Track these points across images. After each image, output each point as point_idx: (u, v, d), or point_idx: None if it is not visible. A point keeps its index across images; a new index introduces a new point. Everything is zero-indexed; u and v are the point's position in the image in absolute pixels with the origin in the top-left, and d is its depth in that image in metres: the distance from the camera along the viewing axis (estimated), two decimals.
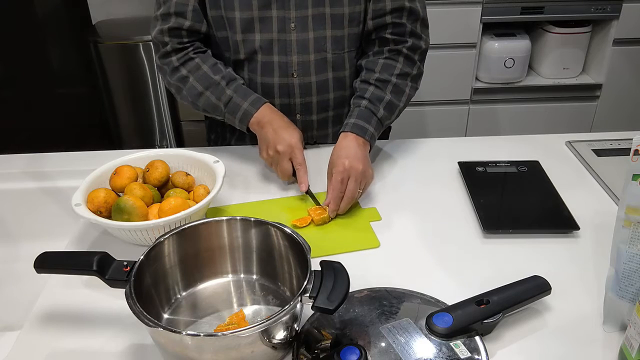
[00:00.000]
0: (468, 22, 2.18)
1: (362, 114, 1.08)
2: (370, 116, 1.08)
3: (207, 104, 1.11)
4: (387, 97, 1.11)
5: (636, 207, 0.68)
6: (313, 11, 1.08)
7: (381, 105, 1.10)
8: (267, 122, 1.08)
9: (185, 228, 0.79)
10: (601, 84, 2.32)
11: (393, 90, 1.12)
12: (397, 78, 1.12)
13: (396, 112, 1.13)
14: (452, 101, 2.35)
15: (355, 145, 1.04)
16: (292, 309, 0.66)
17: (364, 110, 1.09)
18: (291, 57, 1.12)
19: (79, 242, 0.96)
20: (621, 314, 0.73)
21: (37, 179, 1.14)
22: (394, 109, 1.12)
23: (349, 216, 1.00)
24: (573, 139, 1.22)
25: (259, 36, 1.10)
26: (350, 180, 0.98)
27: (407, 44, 1.13)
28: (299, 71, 1.13)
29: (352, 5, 1.09)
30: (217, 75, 1.10)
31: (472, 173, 1.09)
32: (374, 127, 1.08)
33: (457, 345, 0.70)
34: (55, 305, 0.82)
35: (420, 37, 1.14)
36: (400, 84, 1.13)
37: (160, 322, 0.65)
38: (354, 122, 1.07)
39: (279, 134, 1.06)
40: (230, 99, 1.09)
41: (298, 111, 1.18)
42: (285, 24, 1.09)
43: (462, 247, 0.92)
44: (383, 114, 1.10)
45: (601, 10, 2.17)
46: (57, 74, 2.40)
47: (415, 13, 1.12)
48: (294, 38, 1.10)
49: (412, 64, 1.14)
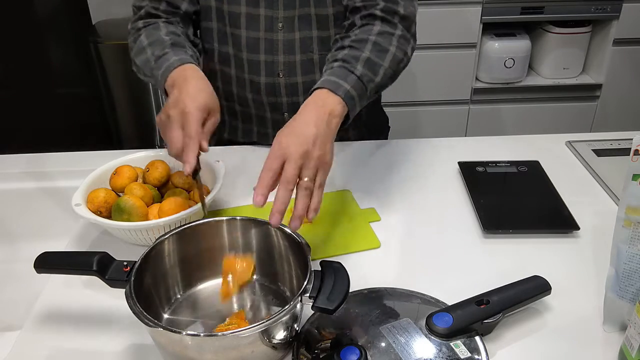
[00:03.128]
0: (468, 22, 2.18)
1: (335, 72, 0.88)
2: (345, 73, 0.88)
3: (143, 60, 0.99)
4: (364, 54, 0.92)
5: (636, 207, 0.68)
6: (299, 11, 1.07)
7: (358, 62, 0.90)
8: (180, 81, 0.89)
9: (185, 228, 0.79)
10: (601, 84, 2.32)
11: (373, 49, 0.93)
12: (378, 36, 0.95)
13: (380, 72, 0.93)
14: (452, 101, 2.35)
15: (315, 116, 0.81)
16: (292, 309, 0.66)
17: (338, 69, 0.89)
18: (277, 57, 1.11)
19: (79, 242, 0.96)
20: (621, 314, 0.73)
21: (37, 179, 1.14)
22: (376, 68, 0.92)
23: (348, 217, 0.99)
24: (573, 139, 1.22)
25: (245, 33, 1.09)
26: (288, 164, 0.76)
27: (379, 6, 0.99)
28: (285, 71, 1.12)
29: (336, 6, 1.07)
30: (167, 36, 1.00)
31: (472, 173, 1.09)
32: (351, 85, 0.86)
33: (457, 345, 0.70)
34: (55, 305, 0.82)
35: (395, 1, 0.99)
36: (381, 42, 0.95)
37: (160, 322, 0.65)
38: (325, 78, 0.87)
39: (181, 96, 0.85)
40: (164, 54, 0.95)
41: (285, 110, 1.17)
42: (273, 23, 1.08)
43: (462, 247, 0.92)
44: (362, 71, 0.89)
45: (601, 10, 2.17)
46: (57, 74, 2.40)
47: None
48: (281, 38, 1.09)
49: (392, 25, 0.99)
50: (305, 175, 0.76)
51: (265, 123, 1.21)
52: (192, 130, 0.81)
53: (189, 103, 0.84)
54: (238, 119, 1.23)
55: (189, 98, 0.85)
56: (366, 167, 1.14)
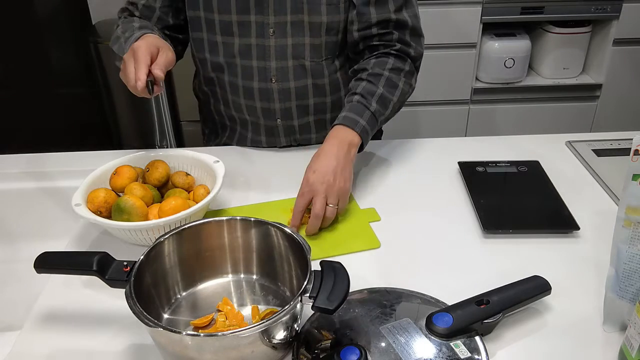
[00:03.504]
0: (468, 22, 2.18)
1: (353, 107, 1.05)
2: (362, 109, 1.04)
3: (118, 47, 1.09)
4: (379, 90, 1.07)
5: (636, 207, 0.68)
6: (292, 18, 1.08)
7: (373, 98, 1.06)
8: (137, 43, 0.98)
9: (185, 228, 0.79)
10: (601, 84, 2.32)
11: (386, 84, 1.08)
12: (390, 72, 1.09)
13: (390, 106, 1.08)
14: (452, 101, 2.35)
15: (340, 147, 0.99)
16: (292, 309, 0.66)
17: (356, 104, 1.05)
18: (270, 63, 1.12)
19: (79, 242, 0.96)
20: (621, 314, 0.73)
21: (37, 179, 1.14)
22: (387, 103, 1.08)
23: (348, 217, 0.99)
24: (573, 139, 1.22)
25: (237, 40, 1.11)
26: (316, 198, 0.93)
27: (395, 47, 1.11)
28: (278, 76, 1.13)
29: (331, 15, 1.08)
30: (137, 23, 1.09)
31: (472, 173, 1.09)
32: (366, 121, 1.03)
33: (457, 345, 0.70)
34: (55, 305, 0.82)
35: (409, 44, 1.12)
36: (393, 78, 1.09)
37: (160, 322, 0.65)
38: (345, 114, 1.04)
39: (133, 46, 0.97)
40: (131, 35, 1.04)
41: (278, 116, 1.18)
42: (264, 29, 1.09)
43: (462, 247, 0.92)
44: (376, 107, 1.05)
45: (601, 10, 2.17)
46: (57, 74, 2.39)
47: (403, 23, 1.11)
48: (273, 44, 1.10)
49: (403, 61, 1.12)
50: (330, 203, 0.94)
51: (258, 129, 1.22)
52: (140, 56, 0.93)
53: (136, 44, 0.96)
54: (236, 124, 1.24)
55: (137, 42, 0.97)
56: (366, 167, 1.14)
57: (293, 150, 1.22)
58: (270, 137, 1.21)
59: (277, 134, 1.21)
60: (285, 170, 1.14)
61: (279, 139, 1.21)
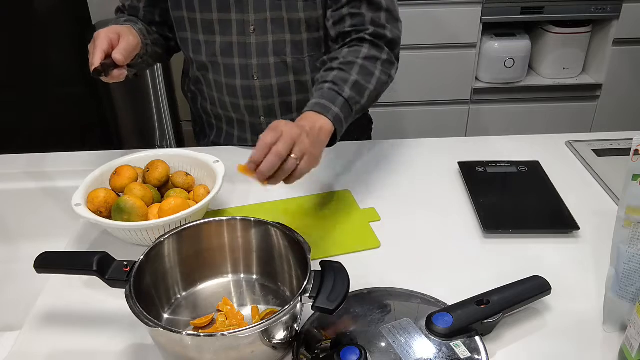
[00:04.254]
0: (468, 22, 2.18)
1: (325, 94, 0.94)
2: (334, 96, 0.94)
3: None
4: (352, 77, 0.97)
5: (636, 207, 0.68)
6: (271, 15, 1.08)
7: (346, 85, 0.96)
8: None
9: (185, 228, 0.79)
10: (601, 84, 2.32)
11: (360, 72, 0.99)
12: (365, 60, 1.01)
13: (366, 94, 0.98)
14: (452, 101, 2.35)
15: (312, 123, 0.88)
16: (292, 309, 0.66)
17: (327, 91, 0.95)
18: (251, 60, 1.12)
19: (79, 242, 0.96)
20: (621, 314, 0.73)
21: (37, 179, 1.14)
22: (362, 91, 0.98)
23: (348, 217, 0.99)
24: (573, 139, 1.22)
25: (219, 38, 1.11)
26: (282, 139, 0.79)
27: (368, 31, 1.04)
28: (259, 74, 1.13)
29: (309, 11, 1.08)
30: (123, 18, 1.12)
31: (472, 173, 1.09)
32: (339, 107, 0.93)
33: (457, 345, 0.70)
34: (55, 305, 0.82)
35: (383, 26, 1.05)
36: (368, 66, 1.00)
37: (160, 322, 0.65)
38: (315, 101, 0.93)
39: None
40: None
41: (262, 113, 1.18)
42: (245, 27, 1.09)
43: (462, 247, 0.92)
44: (350, 93, 0.95)
45: (601, 10, 2.17)
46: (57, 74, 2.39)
47: (376, 4, 1.05)
48: (254, 41, 1.10)
49: (379, 49, 1.04)
50: (293, 153, 0.79)
51: (244, 127, 1.22)
52: (97, 43, 0.94)
53: (97, 32, 0.96)
54: (222, 122, 1.25)
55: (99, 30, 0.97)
56: (366, 167, 1.14)
57: None
58: (256, 135, 1.21)
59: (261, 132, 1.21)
60: None
61: None
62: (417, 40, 2.19)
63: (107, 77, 0.95)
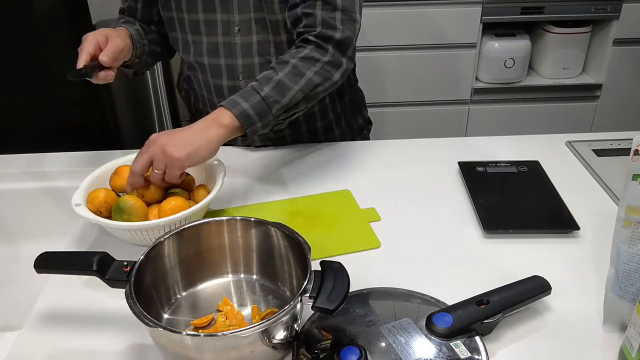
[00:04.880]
0: (468, 22, 2.18)
1: (243, 92, 0.97)
2: (251, 93, 0.96)
3: None
4: (277, 76, 0.98)
5: (636, 207, 0.68)
6: (255, 15, 1.08)
7: (268, 84, 0.97)
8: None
9: (185, 228, 0.79)
10: (601, 84, 2.32)
11: (290, 72, 0.99)
12: (300, 60, 1.00)
13: (289, 94, 0.98)
14: (452, 101, 2.35)
15: (202, 123, 0.93)
16: (292, 309, 0.66)
17: (247, 89, 0.97)
18: (236, 60, 1.12)
19: (79, 242, 0.96)
20: (621, 314, 0.73)
21: (37, 179, 1.14)
22: (284, 90, 0.97)
23: (348, 217, 0.99)
24: (573, 139, 1.22)
25: (205, 39, 1.12)
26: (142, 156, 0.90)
27: (314, 32, 1.02)
28: (245, 74, 1.13)
29: (284, 12, 1.07)
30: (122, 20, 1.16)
31: (472, 173, 1.09)
32: (251, 105, 0.94)
33: (457, 345, 0.70)
34: (55, 305, 0.82)
35: (334, 27, 1.02)
36: (300, 66, 1.00)
37: (160, 322, 0.65)
38: (230, 97, 0.96)
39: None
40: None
41: None
42: (230, 27, 1.09)
43: (462, 247, 0.92)
44: (267, 92, 0.96)
45: (601, 10, 2.17)
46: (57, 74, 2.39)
47: (331, 4, 1.02)
48: (239, 41, 1.11)
49: (323, 51, 1.02)
50: (155, 169, 0.90)
51: None
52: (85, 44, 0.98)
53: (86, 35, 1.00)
54: None
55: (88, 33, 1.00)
56: (366, 167, 1.14)
57: (294, 150, 1.22)
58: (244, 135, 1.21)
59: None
60: (285, 170, 1.14)
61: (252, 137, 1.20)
62: (417, 40, 2.19)
63: (92, 78, 0.98)
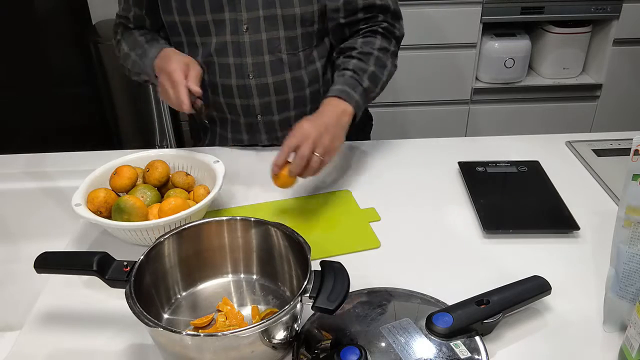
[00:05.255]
0: (468, 22, 2.18)
1: (347, 81, 1.06)
2: (355, 84, 1.06)
3: (133, 63, 1.15)
4: (370, 68, 1.10)
5: (636, 207, 0.68)
6: (264, 12, 1.09)
7: (365, 75, 1.08)
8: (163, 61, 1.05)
9: (185, 228, 0.79)
10: (601, 84, 2.32)
11: (376, 63, 1.11)
12: (379, 51, 1.12)
13: (379, 85, 1.12)
14: (452, 101, 2.35)
15: (333, 111, 1.00)
16: (292, 309, 0.66)
17: (349, 79, 1.07)
18: (246, 59, 1.12)
19: (79, 242, 0.96)
20: (621, 314, 0.73)
21: (37, 179, 1.14)
22: (377, 81, 1.11)
23: (348, 217, 0.99)
24: (573, 139, 1.22)
25: (214, 39, 1.12)
26: (306, 142, 0.92)
27: (382, 25, 1.14)
28: (255, 72, 1.14)
29: (304, 6, 1.09)
30: (141, 37, 1.16)
31: (472, 173, 1.09)
32: (359, 95, 1.05)
33: (457, 345, 0.70)
34: (55, 305, 0.82)
35: (394, 25, 1.16)
36: (382, 57, 1.12)
37: (160, 322, 0.65)
38: (339, 87, 1.05)
39: (164, 66, 1.03)
40: (144, 51, 1.12)
41: (258, 112, 1.18)
42: (238, 26, 1.09)
43: (462, 247, 0.92)
44: (368, 84, 1.08)
45: (601, 10, 2.17)
46: (57, 74, 2.39)
47: (386, 8, 1.14)
48: (247, 40, 1.11)
49: (388, 41, 1.15)
50: (317, 152, 0.93)
51: (239, 128, 1.22)
52: (177, 78, 0.99)
53: (170, 65, 1.02)
54: (215, 125, 1.25)
55: (169, 63, 1.03)
56: (366, 167, 1.14)
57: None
58: (251, 135, 1.22)
59: (258, 131, 1.21)
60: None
61: (260, 136, 1.21)
62: (417, 40, 2.19)
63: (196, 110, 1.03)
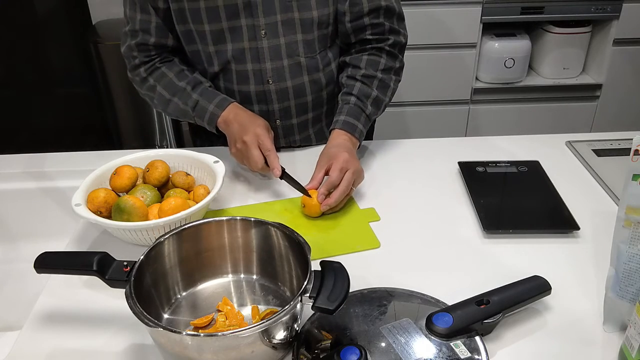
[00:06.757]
0: (468, 22, 2.18)
1: (351, 110, 1.12)
2: (359, 113, 1.12)
3: (176, 109, 1.15)
4: (373, 92, 1.14)
5: (636, 207, 0.68)
6: (282, 17, 1.09)
7: (368, 101, 1.13)
8: (232, 118, 1.09)
9: (185, 228, 0.79)
10: (601, 84, 2.32)
11: (379, 86, 1.15)
12: (382, 73, 1.15)
13: (382, 107, 1.16)
14: (452, 101, 2.35)
15: (350, 143, 1.08)
16: (292, 309, 0.66)
17: (353, 107, 1.12)
18: (265, 64, 1.12)
19: (79, 242, 0.96)
20: (621, 314, 0.73)
21: (37, 179, 1.14)
22: (380, 104, 1.15)
23: (348, 217, 1.00)
24: (573, 139, 1.22)
25: (230, 46, 1.11)
26: (348, 172, 0.99)
27: (388, 42, 1.16)
28: (274, 77, 1.14)
29: (321, 9, 1.10)
30: (182, 82, 1.13)
31: (472, 173, 1.09)
32: (362, 124, 1.12)
33: (457, 345, 0.70)
34: (55, 305, 0.82)
35: (399, 32, 1.17)
36: (385, 79, 1.16)
37: (160, 322, 0.65)
38: (344, 119, 1.10)
39: (244, 126, 1.06)
40: (197, 103, 1.11)
41: (277, 117, 1.19)
42: (256, 31, 1.09)
43: (462, 247, 0.92)
44: (371, 110, 1.13)
45: (601, 10, 2.17)
46: (57, 74, 2.39)
47: (391, 10, 1.15)
48: (266, 45, 1.11)
49: (394, 58, 1.18)
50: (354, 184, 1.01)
51: None
52: (268, 144, 1.04)
53: (256, 128, 1.05)
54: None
55: (253, 124, 1.06)
56: (366, 167, 1.14)
57: (293, 150, 1.22)
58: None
59: (275, 135, 1.20)
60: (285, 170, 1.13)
61: (278, 140, 1.21)
62: (417, 40, 2.19)
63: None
